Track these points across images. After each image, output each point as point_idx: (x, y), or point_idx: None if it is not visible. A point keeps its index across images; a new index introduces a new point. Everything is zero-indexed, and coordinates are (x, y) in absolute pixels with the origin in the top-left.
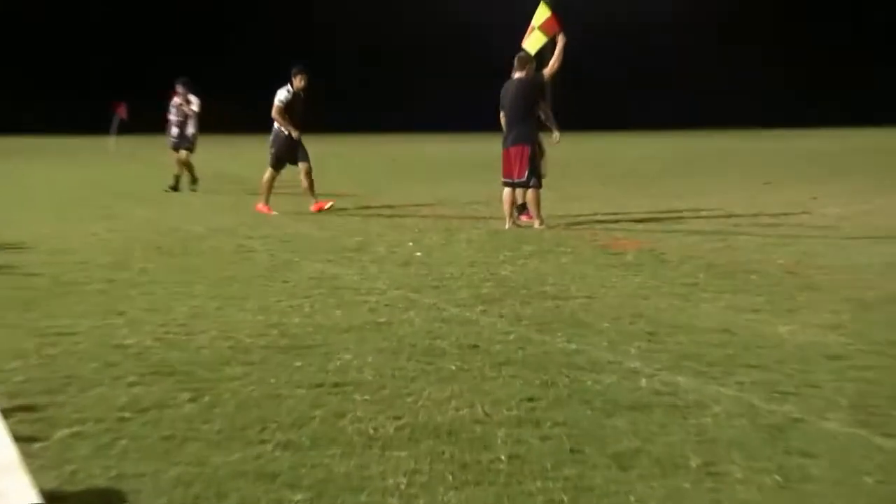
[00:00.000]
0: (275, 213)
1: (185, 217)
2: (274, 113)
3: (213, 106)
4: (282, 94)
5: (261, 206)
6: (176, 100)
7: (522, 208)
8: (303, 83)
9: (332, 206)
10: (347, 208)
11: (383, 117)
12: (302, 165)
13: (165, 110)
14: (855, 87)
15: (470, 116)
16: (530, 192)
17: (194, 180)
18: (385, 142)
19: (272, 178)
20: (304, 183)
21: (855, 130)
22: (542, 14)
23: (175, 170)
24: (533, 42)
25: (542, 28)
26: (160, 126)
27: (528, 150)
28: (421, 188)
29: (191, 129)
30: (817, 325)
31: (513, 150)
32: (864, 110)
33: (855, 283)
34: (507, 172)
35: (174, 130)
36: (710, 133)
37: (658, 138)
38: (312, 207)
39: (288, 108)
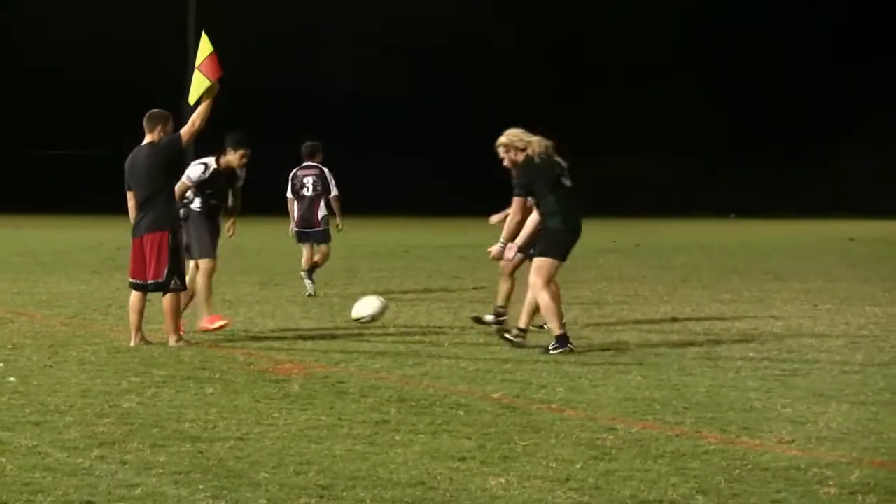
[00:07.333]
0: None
1: None
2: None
3: None
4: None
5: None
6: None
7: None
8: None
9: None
10: None
11: None
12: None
13: None
14: None
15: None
16: (168, 297)
17: None
18: None
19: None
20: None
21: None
22: (203, 50)
23: None
24: (194, 88)
25: (203, 69)
26: None
27: (167, 238)
28: (13, 287)
29: None
30: (540, 477)
31: (147, 239)
32: None
33: (591, 422)
34: (137, 271)
35: None
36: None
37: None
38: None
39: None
